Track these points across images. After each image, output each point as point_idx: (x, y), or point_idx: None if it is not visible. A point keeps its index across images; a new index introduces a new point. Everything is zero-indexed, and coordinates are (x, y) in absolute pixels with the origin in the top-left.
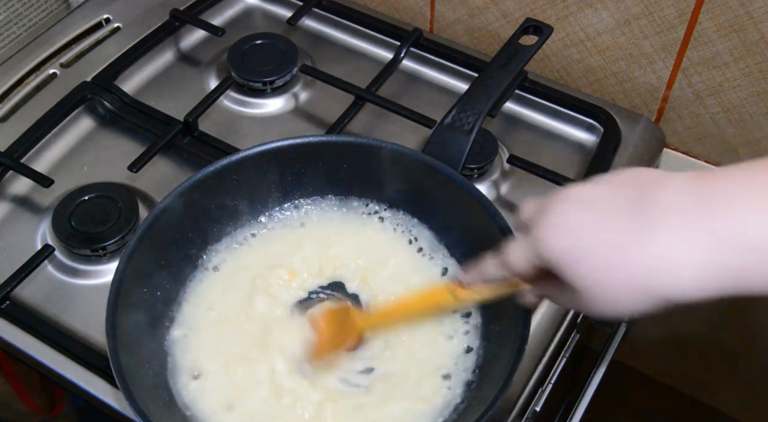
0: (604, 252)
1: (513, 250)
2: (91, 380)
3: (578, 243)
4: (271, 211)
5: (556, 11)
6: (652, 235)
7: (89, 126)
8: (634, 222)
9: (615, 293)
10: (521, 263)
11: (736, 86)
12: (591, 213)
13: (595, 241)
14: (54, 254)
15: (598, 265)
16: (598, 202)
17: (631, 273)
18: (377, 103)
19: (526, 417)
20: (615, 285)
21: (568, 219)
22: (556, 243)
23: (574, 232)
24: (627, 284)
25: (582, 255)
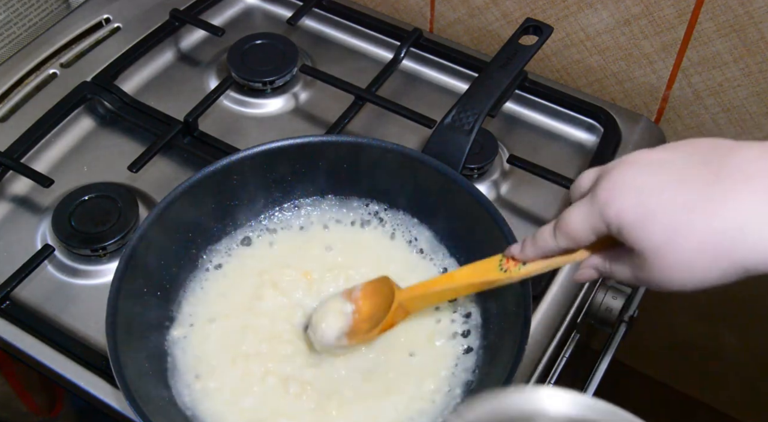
0: (676, 212)
1: (573, 215)
2: (91, 380)
3: (647, 203)
4: (271, 211)
5: (556, 11)
6: (729, 199)
7: (89, 126)
8: (710, 185)
9: (685, 257)
10: (583, 230)
11: (736, 86)
12: (662, 175)
13: (666, 202)
14: (54, 254)
15: (668, 225)
16: (668, 165)
17: (705, 235)
18: (377, 103)
19: None
20: (687, 248)
21: (637, 181)
22: (623, 204)
23: (642, 193)
24: (701, 247)
25: (651, 215)
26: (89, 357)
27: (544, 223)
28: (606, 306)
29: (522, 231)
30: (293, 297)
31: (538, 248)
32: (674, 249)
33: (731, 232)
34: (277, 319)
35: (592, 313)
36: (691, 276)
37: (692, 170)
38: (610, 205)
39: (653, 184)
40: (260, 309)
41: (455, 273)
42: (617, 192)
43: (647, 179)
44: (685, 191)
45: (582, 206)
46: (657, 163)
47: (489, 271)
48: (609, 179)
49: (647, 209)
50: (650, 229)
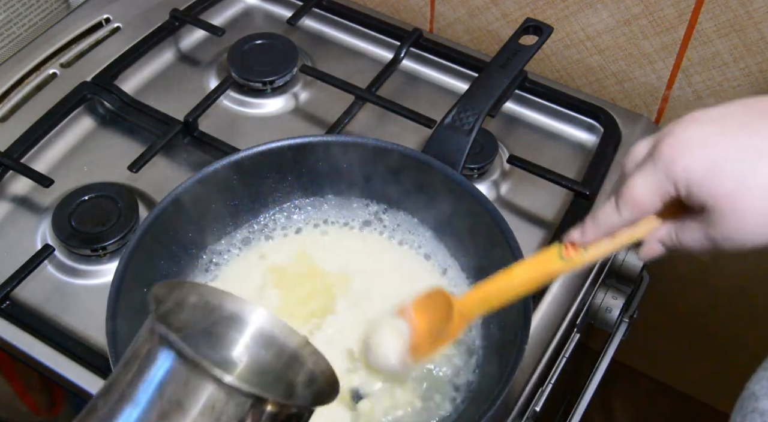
0: (744, 159)
1: (636, 183)
2: (91, 380)
3: (715, 154)
4: (271, 211)
5: (556, 11)
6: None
7: (89, 126)
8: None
9: (759, 206)
10: (649, 195)
11: (736, 86)
12: (724, 126)
13: (733, 149)
14: (54, 254)
15: (738, 174)
16: (729, 117)
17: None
18: (377, 103)
19: (526, 417)
20: (759, 196)
21: (700, 133)
22: (690, 158)
23: (708, 145)
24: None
25: (721, 163)
26: (89, 357)
27: (544, 223)
28: (606, 306)
29: (522, 231)
30: (294, 296)
31: (600, 226)
32: (748, 193)
33: None
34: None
35: (592, 313)
36: (764, 228)
37: (755, 118)
38: (676, 161)
39: (717, 135)
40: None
41: (513, 269)
42: (681, 148)
43: (711, 132)
44: (751, 137)
45: (644, 171)
46: (718, 117)
47: (550, 262)
48: (670, 137)
49: (715, 159)
50: (721, 178)
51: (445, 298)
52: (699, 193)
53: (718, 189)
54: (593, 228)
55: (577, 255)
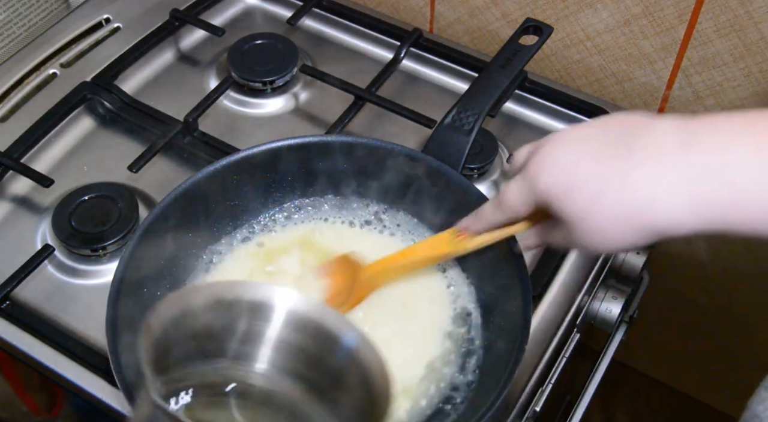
0: (594, 184)
1: (510, 190)
2: (91, 380)
3: (569, 176)
4: (271, 211)
5: (556, 11)
6: (639, 169)
7: (89, 126)
8: (623, 156)
9: (605, 224)
10: (518, 203)
11: (736, 86)
12: (582, 149)
13: (585, 174)
14: (54, 254)
15: (587, 196)
16: (589, 140)
17: (619, 204)
18: (377, 103)
19: (526, 417)
20: (604, 216)
21: (561, 155)
22: (549, 178)
23: (566, 167)
24: (616, 215)
25: (573, 187)
26: (89, 357)
27: None
28: (606, 306)
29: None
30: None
31: (483, 221)
32: (593, 217)
33: (642, 202)
34: None
35: (592, 313)
36: (611, 240)
37: (611, 144)
38: (539, 179)
39: (575, 158)
40: None
41: (413, 247)
42: (545, 167)
43: (571, 154)
44: (603, 164)
45: (517, 181)
46: (582, 139)
47: (443, 245)
48: (538, 155)
49: (570, 182)
50: (573, 200)
51: (353, 265)
52: (557, 208)
53: (571, 208)
54: (477, 222)
55: (463, 241)
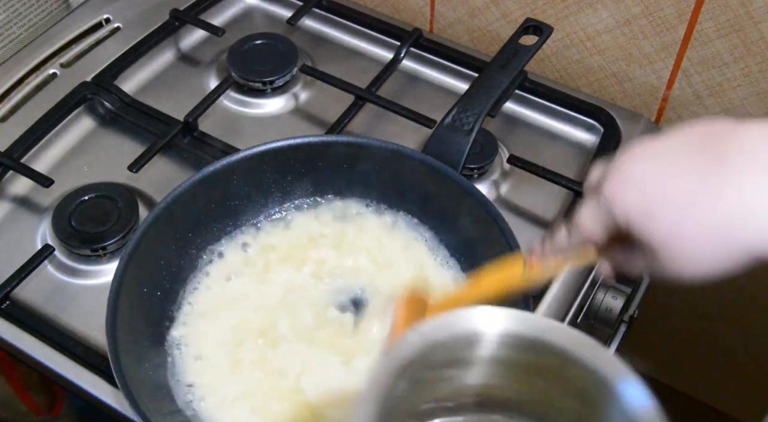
0: (680, 202)
1: (584, 213)
2: (91, 380)
3: (650, 195)
4: (271, 211)
5: (556, 11)
6: (733, 184)
7: (89, 126)
8: (711, 170)
9: (694, 247)
10: (593, 226)
11: (736, 86)
12: (663, 164)
13: (668, 192)
14: (54, 254)
15: (673, 217)
16: (670, 154)
17: (709, 224)
18: (377, 103)
19: None
20: (693, 238)
21: (638, 173)
22: (628, 198)
23: (645, 185)
24: (706, 236)
25: (655, 207)
26: (89, 357)
27: (544, 223)
28: (606, 306)
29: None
30: (294, 296)
31: (556, 247)
32: (680, 240)
33: (734, 218)
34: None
35: (592, 313)
36: (701, 266)
37: (693, 158)
38: (616, 200)
39: (655, 176)
40: (262, 309)
41: (482, 281)
42: (621, 187)
43: (649, 172)
44: (687, 181)
45: (591, 203)
46: (659, 154)
47: (514, 275)
48: (613, 175)
49: (651, 203)
50: (656, 223)
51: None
52: (637, 232)
53: (653, 232)
54: (550, 248)
55: (536, 268)
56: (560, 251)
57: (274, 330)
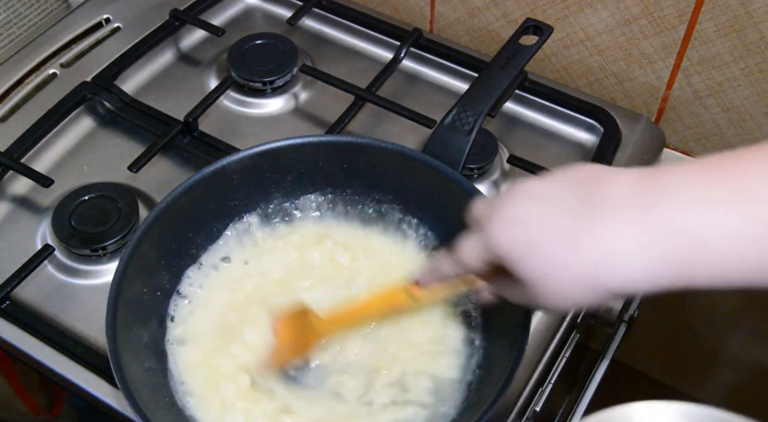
0: (551, 245)
1: (465, 246)
2: (91, 380)
3: (526, 236)
4: (271, 211)
5: (556, 11)
6: (596, 229)
7: (89, 126)
8: (581, 216)
9: (562, 286)
10: (473, 259)
11: (736, 86)
12: (539, 207)
13: (542, 235)
14: (54, 254)
15: (545, 258)
16: (547, 197)
17: (576, 266)
18: (377, 103)
19: (526, 417)
20: (562, 278)
21: (517, 213)
22: (505, 237)
23: (522, 226)
24: (573, 277)
25: (529, 248)
26: (89, 357)
27: None
28: (606, 306)
29: None
30: (294, 296)
31: (438, 275)
32: (552, 279)
33: (597, 262)
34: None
35: (592, 313)
36: (569, 301)
37: (568, 202)
38: (495, 238)
39: (532, 217)
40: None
41: (367, 301)
42: (501, 225)
43: (528, 212)
44: (559, 223)
45: (472, 237)
46: (539, 195)
47: (397, 298)
48: (495, 212)
49: (527, 242)
50: (530, 261)
51: (306, 317)
52: (513, 268)
53: (528, 270)
54: (431, 274)
55: (420, 294)
56: (443, 278)
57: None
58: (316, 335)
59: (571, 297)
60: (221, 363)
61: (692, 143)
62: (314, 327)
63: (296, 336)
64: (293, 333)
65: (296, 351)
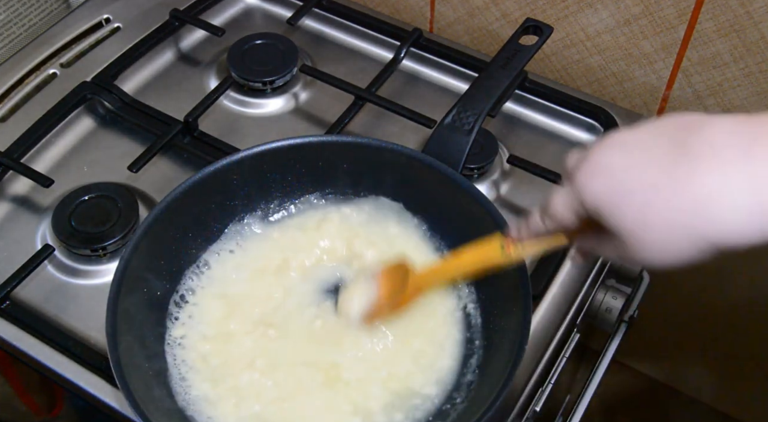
0: (646, 193)
1: (556, 199)
2: (91, 380)
3: (619, 185)
4: (271, 211)
5: (556, 11)
6: (696, 175)
7: (89, 126)
8: (678, 162)
9: (659, 236)
10: (565, 212)
11: (736, 86)
12: (633, 155)
13: (636, 183)
14: (54, 254)
15: (639, 207)
16: (640, 145)
17: (674, 215)
18: (377, 103)
19: (526, 417)
20: (658, 228)
21: (609, 163)
22: (597, 187)
23: (615, 175)
24: (671, 226)
25: (623, 198)
26: (89, 357)
27: None
28: (606, 306)
29: None
30: (295, 296)
31: (530, 230)
32: (645, 229)
33: (695, 210)
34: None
35: (592, 313)
36: (666, 254)
37: (662, 148)
38: (585, 188)
39: (624, 165)
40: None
41: (462, 255)
42: (591, 175)
43: (619, 160)
44: (654, 170)
45: (563, 189)
46: (630, 143)
47: (492, 252)
48: (585, 162)
49: (618, 191)
50: (622, 211)
51: (405, 270)
52: (605, 220)
53: (619, 220)
54: (525, 230)
55: (512, 249)
56: (535, 234)
57: (276, 328)
58: (414, 289)
59: (669, 249)
60: (221, 362)
61: None
62: (413, 280)
63: (395, 288)
64: (393, 287)
65: (397, 305)
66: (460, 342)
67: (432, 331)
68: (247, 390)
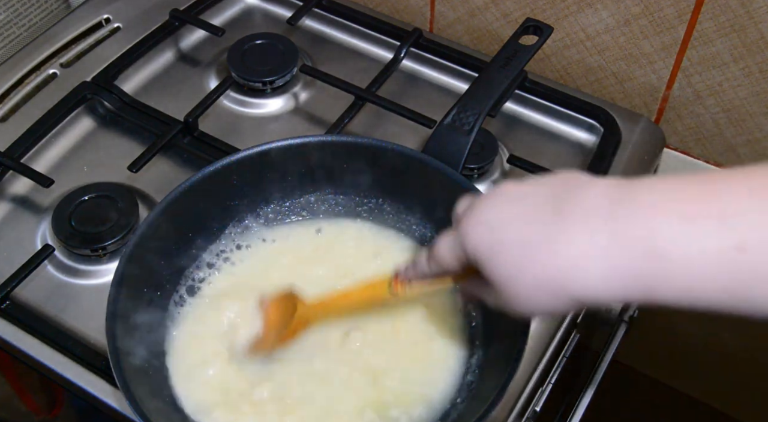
0: (518, 249)
1: (442, 245)
2: (91, 380)
3: (496, 238)
4: (271, 211)
5: (556, 11)
6: (564, 235)
7: (89, 126)
8: (550, 221)
9: (525, 290)
10: (449, 258)
11: (736, 86)
12: (512, 210)
13: (511, 238)
14: (54, 254)
15: (511, 262)
16: (521, 200)
17: (541, 272)
18: (377, 103)
19: (526, 417)
20: (526, 283)
21: (491, 215)
22: (477, 238)
23: (494, 228)
24: (538, 282)
25: (498, 250)
26: (89, 357)
27: None
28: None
29: None
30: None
31: (416, 272)
32: (517, 282)
33: (564, 269)
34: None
35: (592, 313)
36: (536, 306)
37: (542, 206)
38: (467, 237)
39: (504, 219)
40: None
41: (350, 292)
42: (473, 225)
43: (499, 214)
44: (530, 227)
45: (449, 235)
46: (514, 197)
47: (379, 290)
48: (471, 211)
49: (495, 244)
50: (498, 263)
51: (294, 301)
52: (483, 270)
53: (494, 272)
54: (412, 272)
55: (399, 288)
56: (422, 276)
57: None
58: (302, 321)
59: (536, 302)
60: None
61: (692, 143)
62: (301, 313)
63: (284, 320)
64: (281, 318)
65: (283, 337)
66: (460, 343)
67: (432, 331)
68: (246, 390)
